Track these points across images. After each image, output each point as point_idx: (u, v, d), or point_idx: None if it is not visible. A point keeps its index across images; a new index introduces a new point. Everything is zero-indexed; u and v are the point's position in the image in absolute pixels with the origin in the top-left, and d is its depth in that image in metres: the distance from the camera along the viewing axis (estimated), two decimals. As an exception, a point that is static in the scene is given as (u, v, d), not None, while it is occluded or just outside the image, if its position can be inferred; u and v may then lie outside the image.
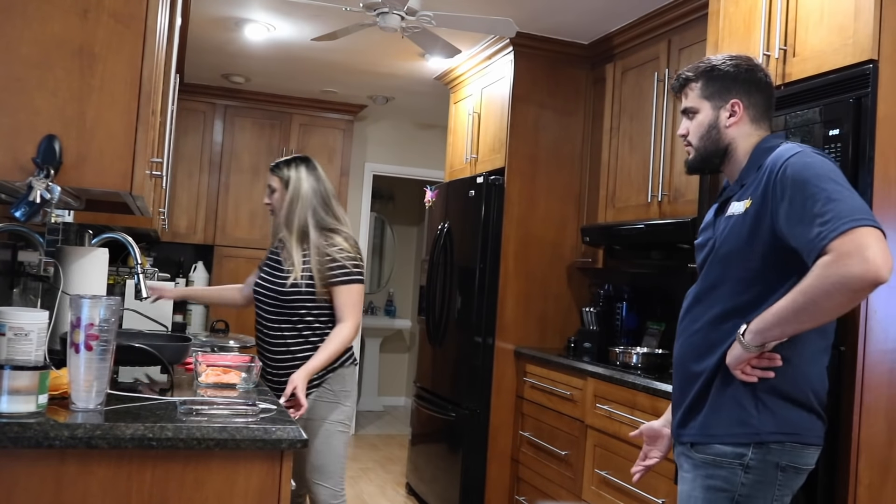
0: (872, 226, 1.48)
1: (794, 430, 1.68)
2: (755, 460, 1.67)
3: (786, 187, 1.62)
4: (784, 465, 1.68)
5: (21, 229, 2.22)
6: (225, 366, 2.12)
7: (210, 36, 4.52)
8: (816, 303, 1.53)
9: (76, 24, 1.62)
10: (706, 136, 1.84)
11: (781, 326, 1.61)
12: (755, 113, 1.81)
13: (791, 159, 1.65)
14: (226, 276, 5.84)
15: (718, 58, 1.86)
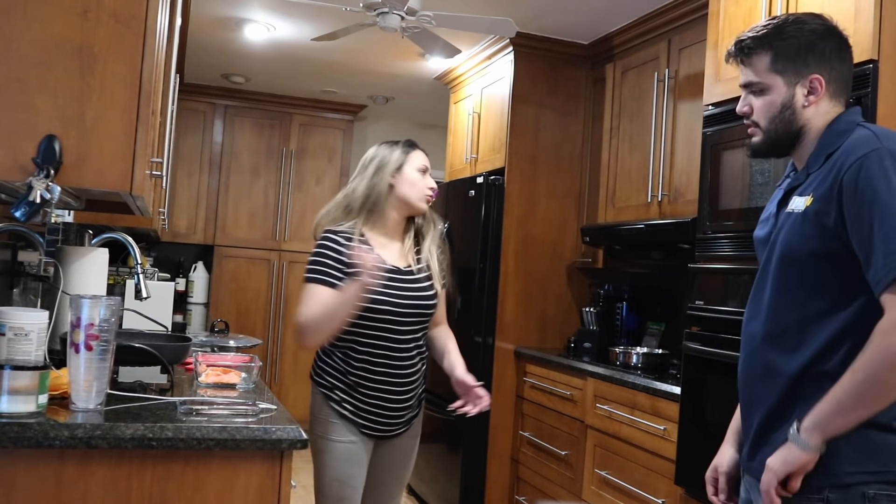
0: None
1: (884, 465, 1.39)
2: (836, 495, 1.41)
3: (856, 193, 1.39)
4: (873, 496, 1.39)
5: (21, 229, 2.22)
6: (225, 366, 2.12)
7: (210, 36, 4.52)
8: (882, 379, 1.33)
9: (76, 24, 1.62)
10: (778, 117, 1.55)
11: (844, 415, 1.36)
12: (837, 88, 1.52)
13: (867, 158, 1.40)
14: (226, 276, 5.84)
15: (790, 19, 1.56)
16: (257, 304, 5.92)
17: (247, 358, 2.25)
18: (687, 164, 3.29)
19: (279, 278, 5.95)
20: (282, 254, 5.97)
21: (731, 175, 2.55)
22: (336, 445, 2.21)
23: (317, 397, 2.27)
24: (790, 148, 1.58)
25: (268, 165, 5.97)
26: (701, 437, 2.56)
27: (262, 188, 5.96)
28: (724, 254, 2.56)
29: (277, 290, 5.95)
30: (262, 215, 5.96)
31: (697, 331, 2.62)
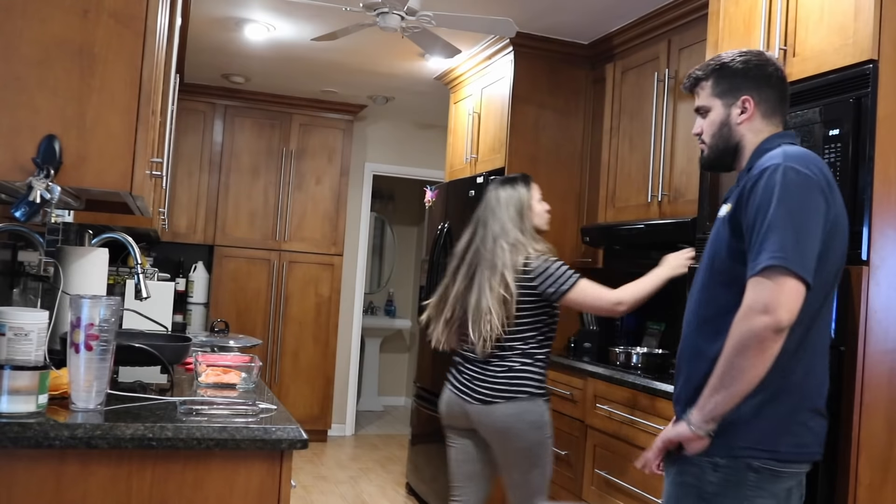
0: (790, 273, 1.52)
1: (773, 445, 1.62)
2: (725, 460, 1.65)
3: (752, 199, 1.62)
4: (758, 467, 1.62)
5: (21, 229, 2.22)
6: (225, 366, 2.12)
7: (210, 36, 4.52)
8: (731, 361, 1.57)
9: (76, 24, 1.62)
10: (718, 133, 1.83)
11: (720, 397, 1.60)
12: (766, 108, 1.79)
13: (768, 170, 1.62)
14: (226, 276, 5.84)
15: (728, 54, 1.84)
16: (257, 304, 5.92)
17: (247, 358, 2.25)
18: (687, 164, 3.29)
19: (279, 278, 5.95)
20: (282, 254, 5.97)
21: (731, 175, 2.55)
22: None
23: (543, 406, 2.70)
24: (732, 161, 1.84)
25: (268, 165, 5.97)
26: (701, 437, 2.56)
27: (262, 188, 5.96)
28: (724, 254, 2.56)
29: (277, 290, 5.95)
30: (262, 215, 5.96)
31: (697, 331, 2.61)
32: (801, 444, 1.65)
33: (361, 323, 6.58)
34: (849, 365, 2.07)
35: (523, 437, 2.66)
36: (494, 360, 2.69)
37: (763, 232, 1.57)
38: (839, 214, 1.67)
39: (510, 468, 2.74)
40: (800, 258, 1.54)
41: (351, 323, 6.44)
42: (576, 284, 2.65)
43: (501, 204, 2.73)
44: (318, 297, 6.06)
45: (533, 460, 2.70)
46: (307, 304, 6.02)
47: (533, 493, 2.73)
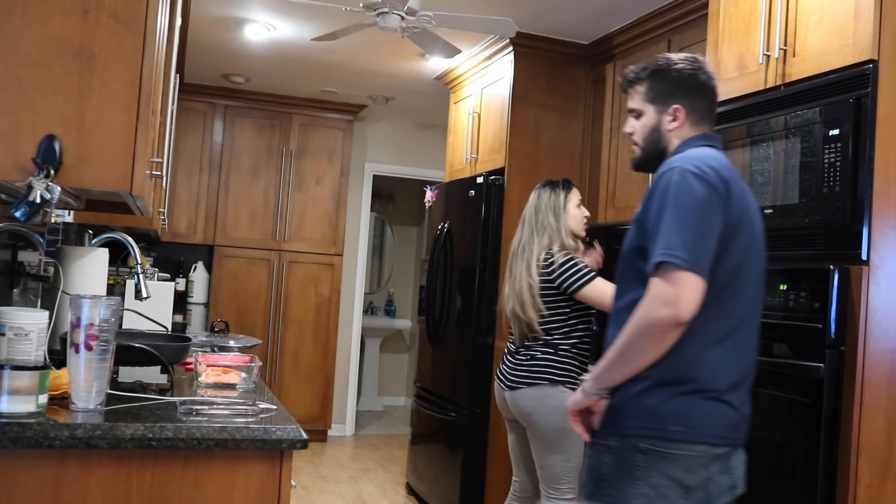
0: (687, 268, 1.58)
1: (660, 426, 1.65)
2: (616, 442, 1.70)
3: (652, 200, 1.71)
4: (645, 448, 1.66)
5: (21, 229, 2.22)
6: (225, 366, 2.12)
7: (210, 36, 4.52)
8: (631, 343, 1.65)
9: (76, 24, 1.62)
10: (649, 138, 1.89)
11: (612, 370, 1.69)
12: (696, 117, 1.84)
13: (667, 172, 1.70)
14: (226, 276, 5.84)
15: (665, 60, 1.88)
16: (257, 304, 5.91)
17: (247, 358, 2.25)
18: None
19: (279, 278, 5.95)
20: (282, 254, 5.98)
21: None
22: None
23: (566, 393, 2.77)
24: (659, 163, 1.85)
25: (268, 165, 5.97)
26: (701, 437, 2.56)
27: (262, 188, 5.96)
28: (724, 254, 2.56)
29: (277, 290, 5.95)
30: (262, 215, 5.96)
31: (697, 331, 2.62)
32: (690, 426, 1.65)
33: (361, 323, 6.58)
34: (849, 365, 2.08)
35: (545, 420, 2.80)
36: (522, 350, 2.93)
37: (660, 230, 1.64)
38: (742, 215, 1.71)
39: (535, 451, 2.88)
40: (695, 255, 1.60)
41: (351, 323, 6.44)
42: (590, 282, 2.80)
43: (541, 205, 2.99)
44: (318, 297, 6.06)
45: (553, 445, 2.81)
46: (307, 304, 6.02)
47: (554, 478, 2.84)
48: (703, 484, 1.68)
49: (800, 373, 2.15)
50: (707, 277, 1.61)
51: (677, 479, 1.65)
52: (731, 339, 1.71)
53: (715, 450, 1.67)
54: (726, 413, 1.69)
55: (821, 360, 2.09)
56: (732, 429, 1.71)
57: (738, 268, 1.71)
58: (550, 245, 2.89)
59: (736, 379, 1.71)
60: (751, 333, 1.76)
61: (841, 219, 2.11)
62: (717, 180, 1.67)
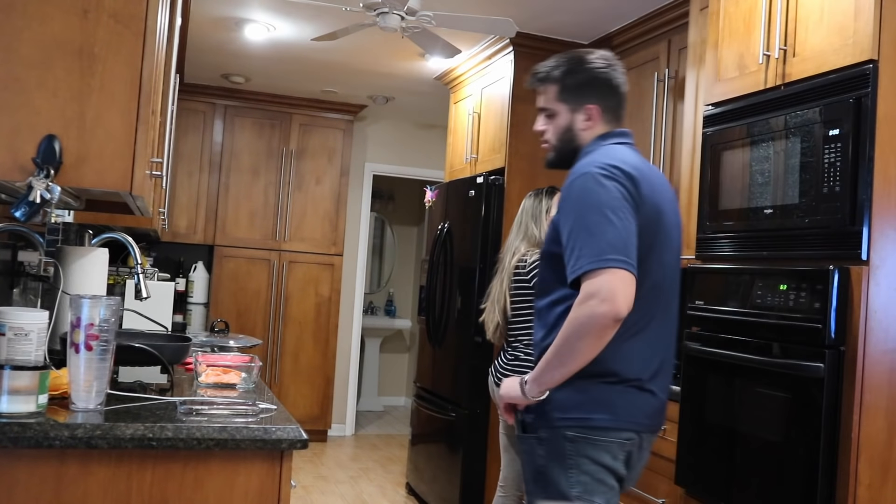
0: (617, 266, 1.62)
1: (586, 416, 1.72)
2: (546, 433, 1.76)
3: (564, 205, 1.75)
4: (573, 437, 1.72)
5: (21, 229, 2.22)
6: (225, 366, 2.12)
7: (210, 36, 4.52)
8: (571, 343, 1.67)
9: (76, 24, 1.62)
10: (563, 137, 1.92)
11: (551, 372, 1.72)
12: (609, 116, 1.88)
13: (578, 179, 1.74)
14: (226, 276, 5.84)
15: (577, 58, 1.91)
16: (257, 304, 5.91)
17: (247, 358, 2.25)
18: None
19: (279, 278, 5.95)
20: (282, 254, 5.97)
21: (731, 175, 2.55)
22: None
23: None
24: (572, 161, 1.88)
25: (268, 165, 5.97)
26: (701, 437, 2.56)
27: (262, 188, 5.96)
28: (724, 254, 2.57)
29: (277, 290, 5.95)
30: (262, 215, 5.96)
31: (697, 331, 2.62)
32: (614, 413, 1.72)
33: (361, 323, 6.58)
34: (849, 365, 2.08)
35: None
36: (508, 350, 3.08)
37: (581, 234, 1.68)
38: (653, 211, 1.75)
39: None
40: (623, 252, 1.65)
41: (351, 323, 6.44)
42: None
43: (524, 213, 3.16)
44: (318, 298, 6.06)
45: None
46: (307, 304, 6.02)
47: None
48: (630, 466, 1.79)
49: (800, 373, 2.15)
50: (636, 273, 1.66)
51: (607, 464, 1.73)
52: (646, 333, 1.76)
53: (638, 437, 1.77)
54: (649, 401, 1.77)
55: (821, 360, 2.09)
56: (654, 415, 1.80)
57: (651, 263, 1.75)
58: (526, 251, 3.07)
59: (654, 368, 1.78)
60: (666, 326, 1.82)
61: (841, 219, 2.11)
62: (626, 179, 1.72)
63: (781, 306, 2.24)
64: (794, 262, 2.28)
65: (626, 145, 1.85)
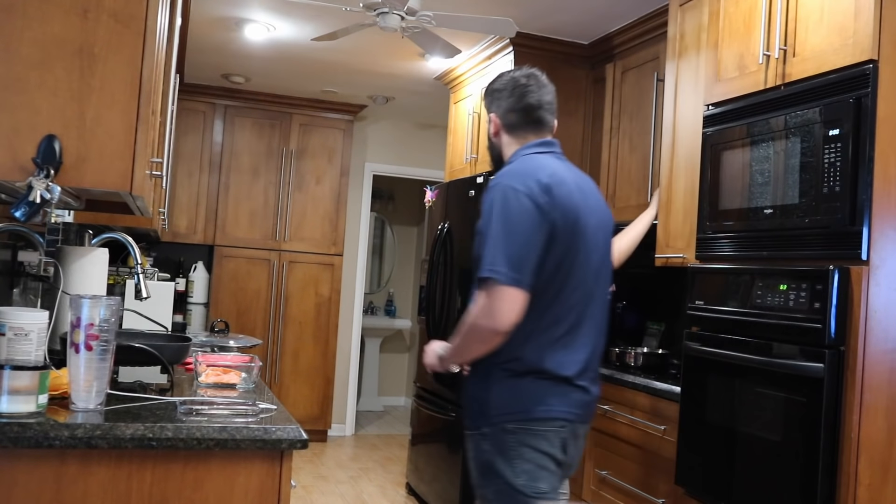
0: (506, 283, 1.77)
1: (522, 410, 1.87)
2: (488, 429, 1.90)
3: (483, 213, 1.88)
4: (513, 429, 1.87)
5: (21, 229, 2.22)
6: (225, 366, 2.12)
7: (210, 36, 4.52)
8: (465, 342, 1.89)
9: (76, 24, 1.62)
10: (488, 144, 2.15)
11: (457, 356, 1.97)
12: (510, 126, 2.05)
13: (491, 191, 1.88)
14: (226, 276, 5.84)
15: (502, 73, 2.14)
16: (257, 304, 5.91)
17: (247, 358, 2.25)
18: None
19: (279, 278, 5.95)
20: (282, 254, 5.97)
21: (731, 175, 2.55)
22: None
23: None
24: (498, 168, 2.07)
25: (268, 165, 5.97)
26: (701, 437, 2.56)
27: (262, 188, 5.96)
28: (724, 254, 2.57)
29: (277, 290, 5.95)
30: (262, 215, 5.96)
31: (697, 331, 2.62)
32: (548, 405, 1.88)
33: (361, 323, 6.58)
34: (849, 365, 2.08)
35: None
36: None
37: (484, 245, 1.82)
38: (567, 218, 1.87)
39: None
40: (515, 269, 1.78)
41: (351, 323, 6.44)
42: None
43: None
44: (318, 297, 6.06)
45: None
46: (307, 304, 6.02)
47: None
48: (568, 454, 1.93)
49: (800, 373, 2.16)
50: (528, 289, 1.80)
51: (546, 450, 1.88)
52: (571, 335, 1.90)
53: (572, 426, 1.91)
54: (579, 395, 1.92)
55: (821, 361, 2.09)
56: (585, 407, 1.95)
57: (568, 269, 1.88)
58: None
59: (582, 366, 1.92)
60: (594, 323, 1.96)
61: (841, 219, 2.11)
62: (539, 191, 1.83)
63: (781, 306, 2.24)
64: (794, 262, 2.28)
65: (547, 154, 1.98)
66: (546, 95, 2.05)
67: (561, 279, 1.86)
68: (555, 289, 1.87)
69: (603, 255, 2.00)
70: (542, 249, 1.82)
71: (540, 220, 1.82)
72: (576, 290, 1.90)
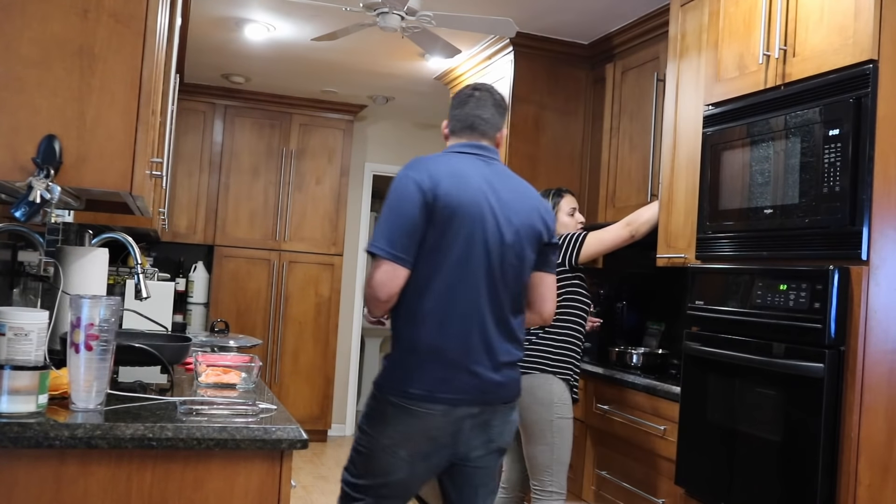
0: (383, 256, 1.97)
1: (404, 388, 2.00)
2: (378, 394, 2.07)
3: None
4: (394, 402, 2.01)
5: (21, 229, 2.22)
6: (225, 366, 2.12)
7: (210, 36, 4.52)
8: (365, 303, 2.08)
9: (76, 24, 1.62)
10: None
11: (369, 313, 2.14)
12: (451, 130, 2.24)
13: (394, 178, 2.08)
14: (226, 276, 5.84)
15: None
16: (257, 304, 5.91)
17: (247, 358, 2.25)
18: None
19: (279, 278, 5.95)
20: (282, 254, 5.97)
21: (731, 175, 2.55)
22: (572, 421, 2.88)
23: (556, 384, 2.84)
24: None
25: (268, 165, 5.97)
26: (701, 437, 2.56)
27: (262, 188, 5.96)
28: (724, 254, 2.57)
29: (277, 290, 5.95)
30: (262, 215, 5.96)
31: (697, 331, 2.62)
32: (429, 388, 1.98)
33: (361, 323, 6.58)
34: (849, 365, 2.08)
35: (529, 410, 2.82)
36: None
37: (378, 222, 2.03)
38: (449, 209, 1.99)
39: (523, 440, 2.92)
40: (391, 246, 1.97)
41: (351, 323, 6.44)
42: (585, 238, 2.94)
43: None
44: (318, 298, 6.06)
45: (537, 435, 2.84)
46: (307, 304, 6.02)
47: (537, 469, 2.86)
48: (452, 436, 2.01)
49: (800, 373, 2.16)
50: (403, 264, 1.98)
51: (421, 429, 1.99)
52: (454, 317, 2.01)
53: (458, 409, 2.00)
54: (466, 379, 2.01)
55: (821, 361, 2.09)
56: (475, 392, 2.02)
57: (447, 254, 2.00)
58: None
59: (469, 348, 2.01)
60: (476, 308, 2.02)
61: (841, 219, 2.11)
62: (427, 179, 2.00)
63: (781, 306, 2.24)
64: (794, 262, 2.28)
65: (467, 155, 2.14)
66: (484, 112, 2.21)
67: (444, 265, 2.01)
68: (431, 275, 2.01)
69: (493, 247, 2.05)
70: (423, 232, 1.99)
71: (422, 204, 1.98)
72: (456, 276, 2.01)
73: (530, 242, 2.12)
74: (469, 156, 2.14)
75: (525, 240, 2.10)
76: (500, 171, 2.17)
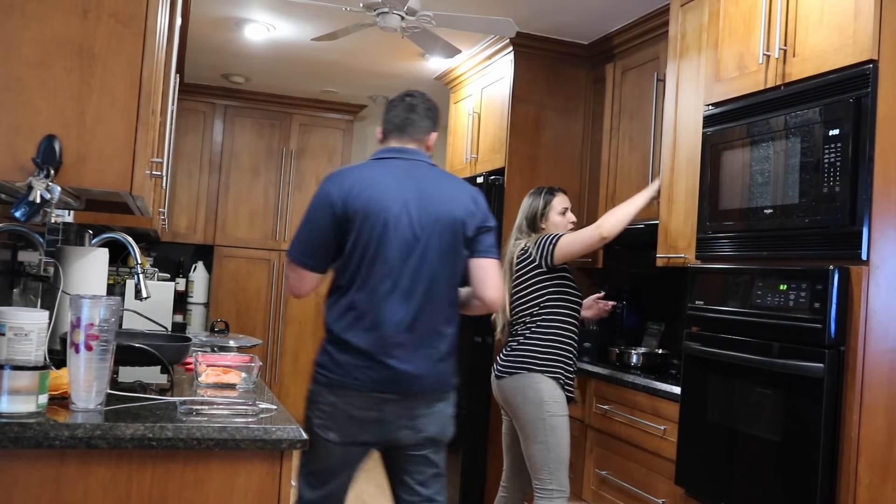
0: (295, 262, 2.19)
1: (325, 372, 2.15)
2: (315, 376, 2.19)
3: None
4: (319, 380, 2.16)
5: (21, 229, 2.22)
6: (225, 366, 2.12)
7: (210, 36, 4.52)
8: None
9: (76, 24, 1.62)
10: None
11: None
12: (384, 133, 2.34)
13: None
14: (226, 276, 5.84)
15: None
16: (257, 304, 5.91)
17: (247, 358, 2.25)
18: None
19: (279, 278, 5.95)
20: (282, 254, 5.97)
21: (730, 175, 2.55)
22: (567, 419, 2.88)
23: (545, 383, 2.85)
24: None
25: (268, 165, 5.97)
26: (701, 437, 2.56)
27: (262, 188, 5.96)
28: (724, 254, 2.57)
29: (277, 290, 5.95)
30: (262, 215, 5.96)
31: (697, 331, 2.62)
32: (345, 375, 2.11)
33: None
34: (849, 365, 2.08)
35: (521, 410, 2.87)
36: (508, 345, 3.03)
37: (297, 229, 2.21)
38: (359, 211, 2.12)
39: (521, 441, 2.93)
40: (301, 251, 2.19)
41: (351, 323, 6.43)
42: (559, 239, 2.94)
43: (522, 210, 3.13)
44: (319, 297, 6.03)
45: (532, 435, 2.85)
46: (307, 303, 6.02)
47: (535, 468, 2.87)
48: (376, 419, 2.13)
49: (800, 373, 2.16)
50: (314, 269, 2.19)
51: (343, 409, 2.12)
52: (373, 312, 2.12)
53: (373, 395, 2.11)
54: (379, 370, 2.11)
55: (821, 361, 2.10)
56: (389, 382, 2.12)
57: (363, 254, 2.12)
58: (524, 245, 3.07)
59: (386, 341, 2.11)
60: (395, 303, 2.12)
61: (841, 219, 2.11)
62: (337, 190, 2.14)
63: (781, 306, 2.24)
64: (794, 262, 2.28)
65: (383, 159, 2.26)
66: (414, 115, 2.31)
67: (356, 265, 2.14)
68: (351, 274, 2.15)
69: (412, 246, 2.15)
70: (333, 238, 2.15)
71: (331, 216, 2.13)
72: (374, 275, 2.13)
73: (454, 234, 2.19)
74: (388, 160, 2.26)
75: (448, 232, 2.18)
76: (422, 170, 2.26)
